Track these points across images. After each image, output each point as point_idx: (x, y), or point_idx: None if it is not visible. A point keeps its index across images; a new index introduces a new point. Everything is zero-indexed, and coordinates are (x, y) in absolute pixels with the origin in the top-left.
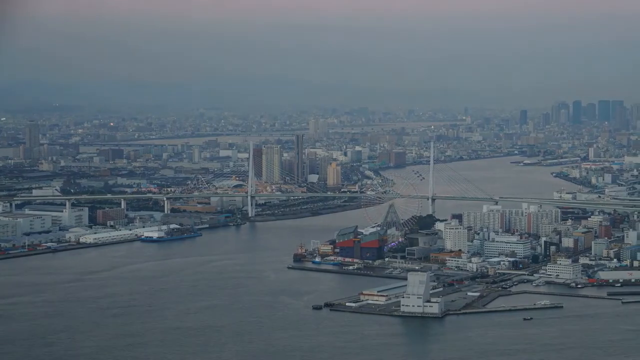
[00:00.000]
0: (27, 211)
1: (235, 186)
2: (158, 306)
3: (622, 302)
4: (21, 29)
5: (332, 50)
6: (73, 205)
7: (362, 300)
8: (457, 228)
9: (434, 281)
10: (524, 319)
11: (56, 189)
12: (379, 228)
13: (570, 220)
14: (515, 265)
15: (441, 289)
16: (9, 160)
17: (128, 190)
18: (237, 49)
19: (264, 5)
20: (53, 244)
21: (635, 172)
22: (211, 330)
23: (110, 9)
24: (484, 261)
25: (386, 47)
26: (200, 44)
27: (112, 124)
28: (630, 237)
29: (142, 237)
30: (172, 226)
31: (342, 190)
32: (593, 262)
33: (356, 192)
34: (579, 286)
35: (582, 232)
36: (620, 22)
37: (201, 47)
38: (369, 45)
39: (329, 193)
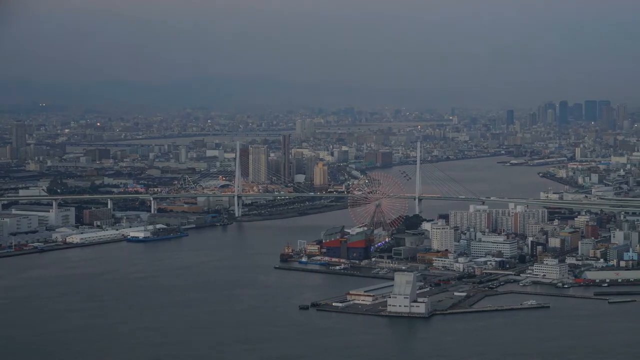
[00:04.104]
0: (13, 211)
1: (222, 186)
2: (140, 305)
3: (609, 302)
4: (7, 28)
5: (320, 50)
6: (60, 205)
7: (349, 300)
8: (444, 228)
9: (421, 281)
10: None
11: (43, 189)
12: (365, 228)
13: (557, 220)
14: (502, 265)
15: (428, 289)
16: None
17: (115, 190)
18: (223, 49)
19: (251, 5)
20: (40, 244)
21: (621, 172)
22: (197, 329)
23: (96, 8)
24: (470, 261)
25: (374, 47)
26: (187, 43)
27: (98, 124)
28: (617, 237)
29: (128, 237)
30: (158, 226)
31: (328, 190)
32: (580, 262)
33: (343, 192)
34: (566, 286)
35: (569, 232)
36: (612, 22)
37: (188, 46)
38: (357, 45)
39: (315, 193)
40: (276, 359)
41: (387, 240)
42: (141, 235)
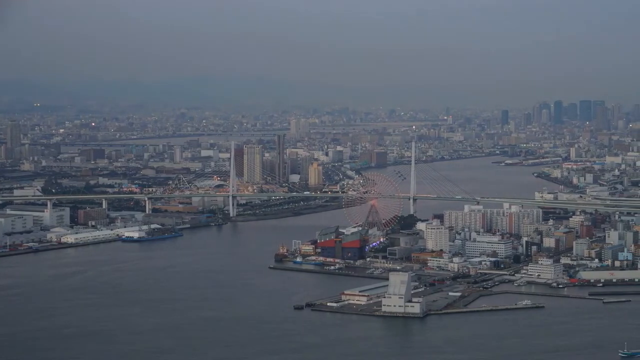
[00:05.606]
0: (8, 211)
1: (217, 186)
2: (136, 305)
3: (604, 302)
4: (2, 28)
5: (315, 50)
6: (54, 205)
7: (344, 301)
8: (439, 228)
9: (416, 281)
10: None
11: (37, 189)
12: (360, 228)
13: (551, 220)
14: (496, 265)
15: (422, 289)
16: None
17: (109, 190)
18: (218, 49)
19: (246, 5)
20: (34, 244)
21: (616, 172)
22: (191, 330)
23: (91, 9)
24: (465, 261)
25: (368, 47)
26: (182, 43)
27: (93, 124)
28: (612, 237)
29: (123, 237)
30: (153, 226)
31: (323, 190)
32: (574, 262)
33: (337, 192)
34: (561, 286)
35: (564, 232)
36: (604, 22)
37: (182, 47)
38: (351, 45)
39: (310, 193)
40: (269, 358)
41: (381, 240)
42: (136, 235)
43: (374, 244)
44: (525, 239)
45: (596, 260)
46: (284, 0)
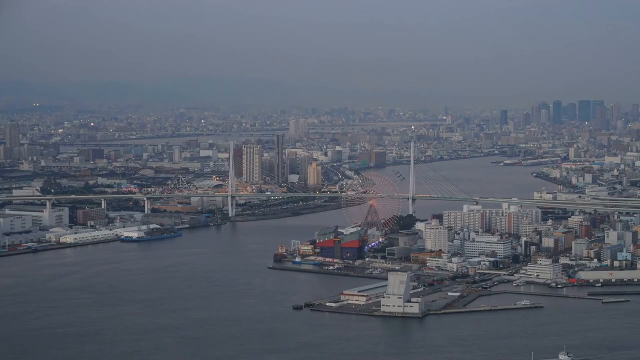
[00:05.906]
0: (7, 211)
1: (216, 186)
2: (135, 304)
3: (602, 302)
4: (1, 29)
5: (314, 52)
6: (53, 205)
7: (343, 300)
8: (438, 228)
9: (415, 281)
10: None
11: (36, 189)
12: (359, 228)
13: (550, 220)
14: (495, 265)
15: (421, 289)
16: None
17: (108, 190)
18: (218, 53)
19: (245, 8)
20: (33, 244)
21: (615, 172)
22: (191, 330)
23: (90, 11)
24: (464, 261)
25: (367, 48)
26: (182, 44)
27: (92, 124)
28: (611, 237)
29: (122, 237)
30: (152, 226)
31: (322, 190)
32: (573, 262)
33: (336, 192)
34: (560, 286)
35: (563, 232)
36: (601, 22)
37: (183, 47)
38: (350, 45)
39: (309, 193)
40: (268, 358)
41: (380, 240)
42: (135, 235)
43: (372, 244)
44: (524, 239)
45: (595, 260)
46: (285, 10)
